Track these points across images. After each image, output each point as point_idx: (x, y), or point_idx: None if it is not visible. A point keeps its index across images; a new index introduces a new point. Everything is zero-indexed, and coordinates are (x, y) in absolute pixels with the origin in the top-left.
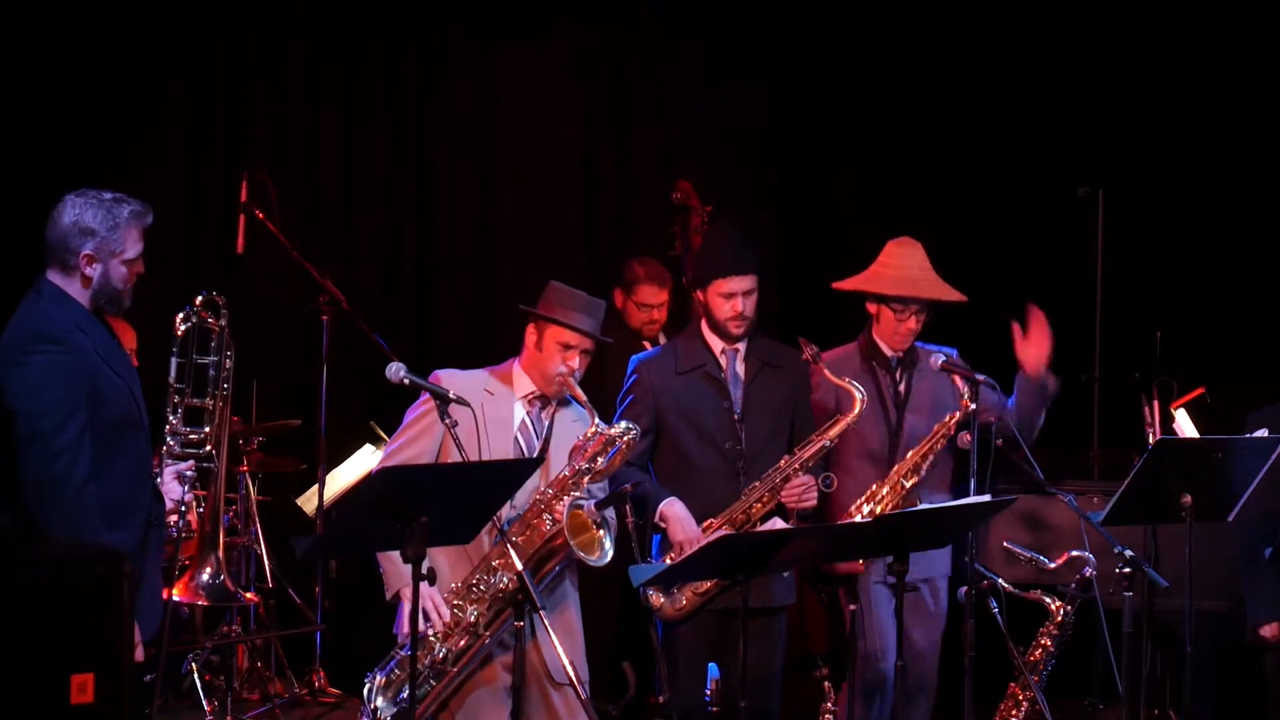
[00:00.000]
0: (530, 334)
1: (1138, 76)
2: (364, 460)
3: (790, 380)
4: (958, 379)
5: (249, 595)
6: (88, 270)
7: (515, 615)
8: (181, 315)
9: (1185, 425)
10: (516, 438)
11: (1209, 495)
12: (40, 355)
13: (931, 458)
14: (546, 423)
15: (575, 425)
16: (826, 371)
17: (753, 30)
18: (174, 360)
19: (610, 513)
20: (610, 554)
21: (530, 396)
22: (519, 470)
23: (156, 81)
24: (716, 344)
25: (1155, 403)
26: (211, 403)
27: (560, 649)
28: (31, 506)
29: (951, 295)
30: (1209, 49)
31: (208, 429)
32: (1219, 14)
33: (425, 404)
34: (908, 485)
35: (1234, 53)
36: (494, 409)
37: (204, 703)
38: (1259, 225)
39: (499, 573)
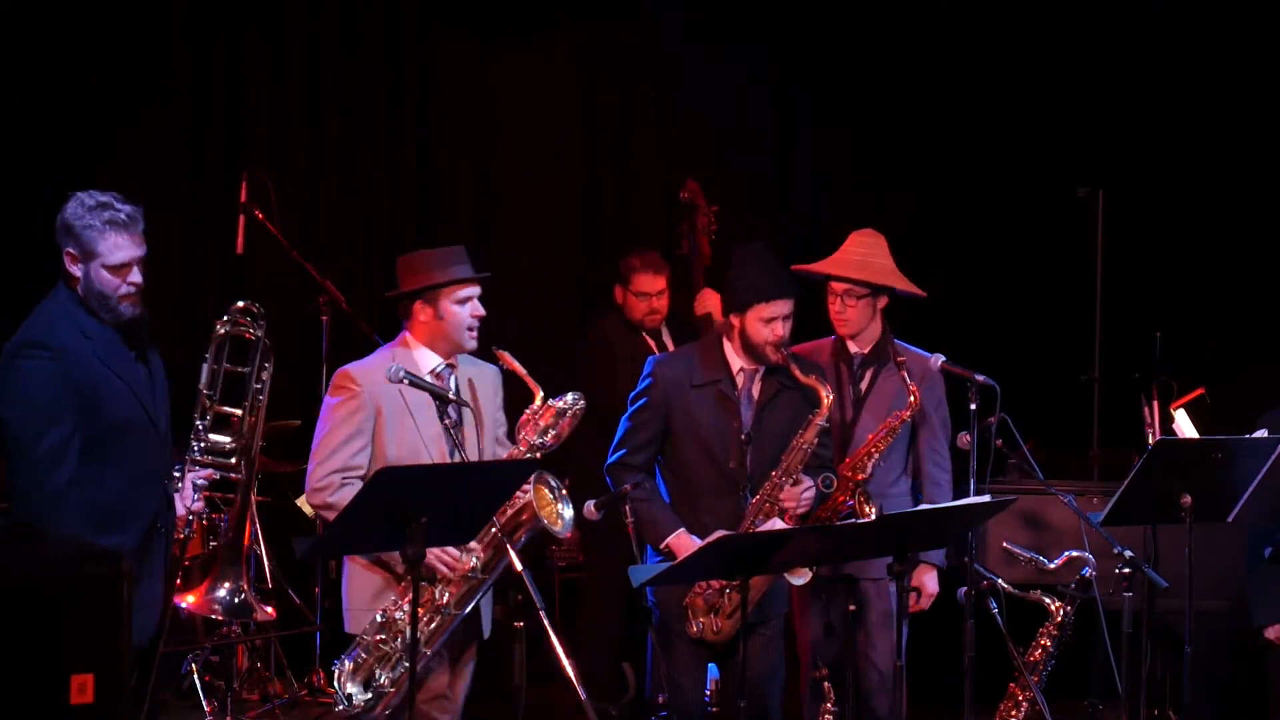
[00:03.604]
0: (421, 311)
1: (1138, 76)
2: None
3: (809, 402)
4: (906, 377)
5: (270, 610)
6: (72, 270)
7: (514, 616)
8: (220, 321)
9: (1185, 426)
10: (444, 412)
11: (1208, 496)
12: (25, 361)
13: (876, 456)
14: (455, 384)
15: (476, 372)
16: (795, 370)
17: (753, 30)
18: (205, 366)
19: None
20: (571, 523)
21: (436, 371)
22: (518, 470)
23: (156, 81)
24: (736, 361)
25: (1155, 403)
26: (242, 412)
27: (562, 652)
28: (15, 509)
29: (905, 285)
30: (1209, 49)
31: (231, 440)
32: (1219, 14)
33: (341, 392)
34: (856, 479)
35: (1234, 53)
36: (412, 391)
37: (204, 703)
38: (1259, 225)
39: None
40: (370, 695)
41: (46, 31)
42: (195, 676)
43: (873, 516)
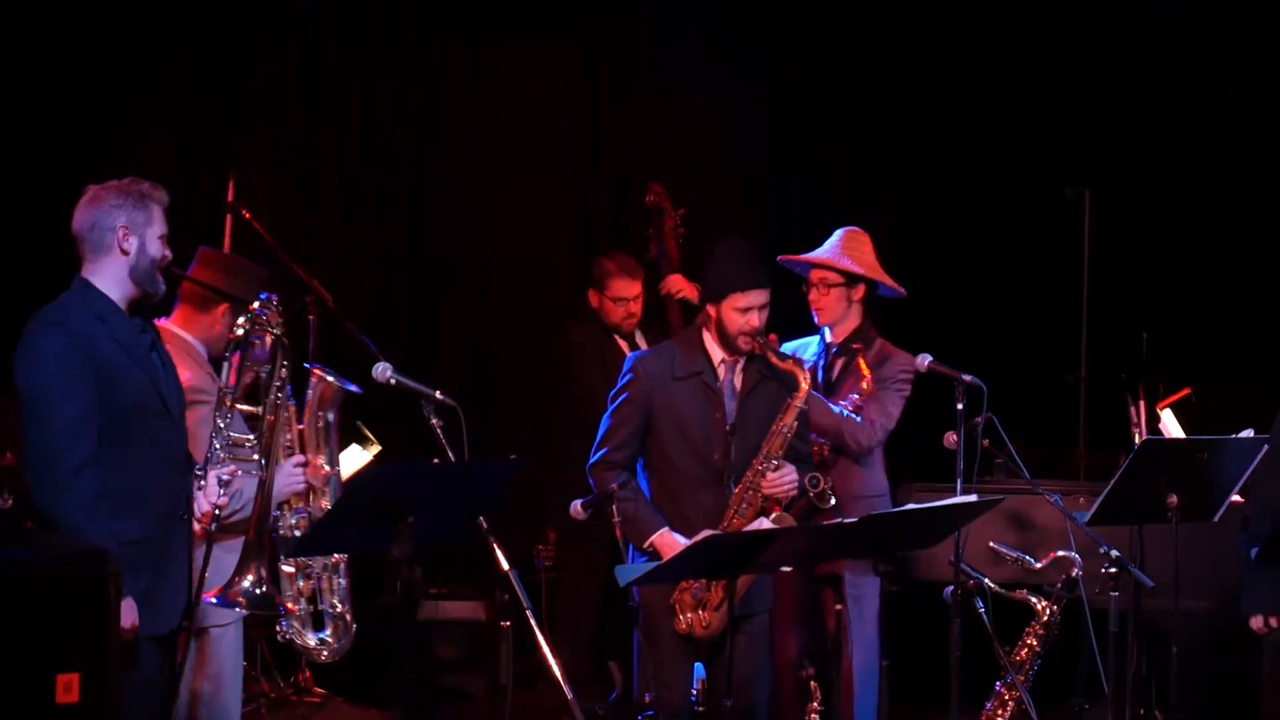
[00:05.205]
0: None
1: (1126, 77)
2: (351, 460)
3: (789, 392)
4: (862, 364)
5: (290, 606)
6: (125, 244)
7: (500, 616)
8: (240, 320)
9: (1171, 425)
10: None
11: (1194, 495)
12: (43, 336)
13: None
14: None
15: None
16: (772, 356)
17: (752, 30)
18: (225, 364)
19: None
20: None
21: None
22: (502, 469)
23: (155, 80)
24: (716, 353)
25: (1141, 403)
26: (262, 410)
27: (549, 651)
28: (28, 484)
29: (883, 279)
30: (1200, 50)
31: (251, 437)
32: (1212, 15)
33: None
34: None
35: (1225, 54)
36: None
37: None
38: (1248, 226)
39: None
40: (329, 628)
41: (45, 31)
42: None
43: (830, 497)
